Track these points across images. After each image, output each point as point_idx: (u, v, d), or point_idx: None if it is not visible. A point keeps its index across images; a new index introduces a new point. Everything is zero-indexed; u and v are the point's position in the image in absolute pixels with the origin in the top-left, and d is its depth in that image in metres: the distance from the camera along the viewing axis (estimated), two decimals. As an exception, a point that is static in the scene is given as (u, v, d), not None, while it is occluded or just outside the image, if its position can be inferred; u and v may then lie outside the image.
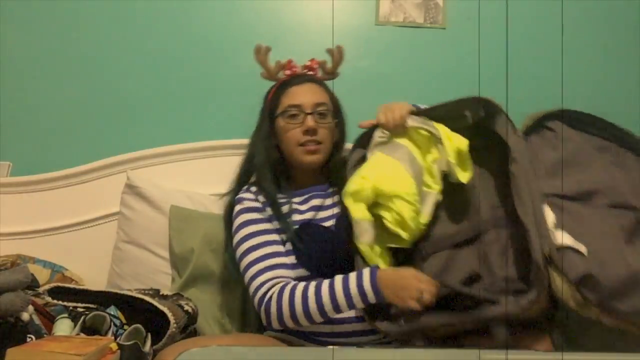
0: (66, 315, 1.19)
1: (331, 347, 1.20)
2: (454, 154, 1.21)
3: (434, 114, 1.27)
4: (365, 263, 1.22)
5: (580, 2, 2.00)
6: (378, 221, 1.22)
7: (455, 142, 1.22)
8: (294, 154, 1.37)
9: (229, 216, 1.41)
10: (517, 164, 1.16)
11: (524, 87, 1.98)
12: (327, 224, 1.35)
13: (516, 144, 1.19)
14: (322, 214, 1.36)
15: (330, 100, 1.42)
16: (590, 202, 1.17)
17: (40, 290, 1.28)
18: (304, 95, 1.38)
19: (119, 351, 1.03)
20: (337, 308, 1.18)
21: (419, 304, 1.09)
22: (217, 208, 1.71)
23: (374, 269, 1.18)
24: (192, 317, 1.35)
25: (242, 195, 1.39)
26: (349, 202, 1.21)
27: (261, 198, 1.37)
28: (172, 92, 1.88)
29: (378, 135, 1.29)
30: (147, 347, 1.13)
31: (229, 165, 1.82)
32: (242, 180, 1.45)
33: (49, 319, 1.21)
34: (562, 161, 1.19)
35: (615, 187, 1.19)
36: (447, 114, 1.26)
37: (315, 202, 1.38)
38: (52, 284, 1.30)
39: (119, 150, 1.81)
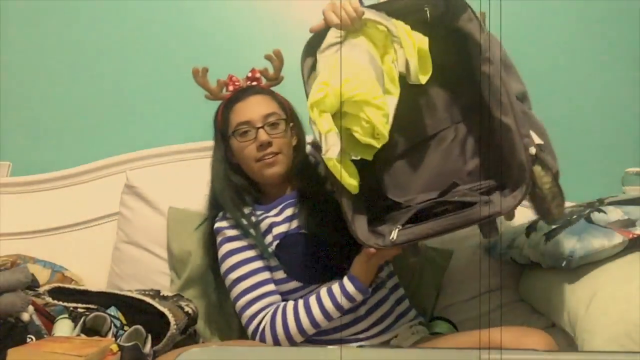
0: (66, 315, 1.19)
1: (333, 347, 1.20)
2: (414, 53, 1.11)
3: (389, 8, 1.15)
4: (335, 181, 1.13)
5: (581, 2, 2.01)
6: (344, 133, 1.12)
7: (415, 40, 1.12)
8: (254, 170, 1.36)
9: (208, 244, 1.42)
10: (492, 64, 1.10)
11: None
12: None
13: (488, 43, 1.12)
14: (297, 222, 1.34)
15: (279, 107, 1.39)
16: (526, 103, 1.22)
17: (40, 290, 1.27)
18: (251, 110, 1.35)
19: (119, 352, 1.03)
20: (329, 318, 1.23)
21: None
22: (217, 208, 1.71)
23: (352, 276, 1.22)
24: (192, 319, 1.35)
25: (218, 225, 1.38)
26: (314, 115, 1.08)
27: (240, 221, 1.36)
28: (172, 92, 1.88)
29: (331, 37, 1.15)
30: (147, 348, 1.13)
31: (228, 166, 1.82)
32: (213, 207, 1.44)
33: (49, 320, 1.21)
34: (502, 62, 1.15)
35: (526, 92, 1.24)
36: (404, 8, 1.15)
37: (288, 211, 1.36)
38: (52, 284, 1.30)
39: (119, 151, 1.81)
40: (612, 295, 1.21)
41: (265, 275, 1.31)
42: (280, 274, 1.30)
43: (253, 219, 1.36)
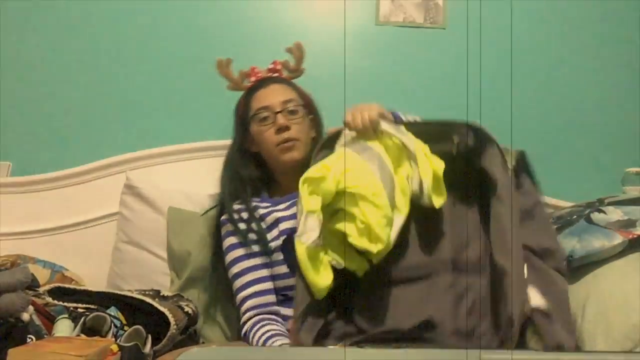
0: (66, 315, 1.19)
1: (334, 347, 1.20)
2: (430, 172, 1.03)
3: (415, 129, 1.09)
4: (301, 278, 1.02)
5: (581, 2, 2.01)
6: (335, 238, 1.03)
7: (432, 163, 1.05)
8: (273, 155, 1.39)
9: (215, 235, 1.43)
10: (503, 204, 1.01)
11: (525, 88, 1.99)
12: None
13: (504, 180, 1.03)
14: None
15: (299, 96, 1.43)
16: (547, 261, 1.05)
17: (41, 290, 1.27)
18: (271, 96, 1.40)
19: (119, 352, 1.03)
20: None
21: None
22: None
23: None
24: (192, 319, 1.35)
25: (224, 218, 1.40)
26: (303, 190, 1.00)
27: (244, 215, 1.37)
28: (172, 92, 1.89)
29: (347, 134, 1.12)
30: (148, 348, 1.13)
31: (228, 166, 1.82)
32: (223, 196, 1.45)
33: (49, 320, 1.20)
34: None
35: (559, 251, 1.10)
36: (431, 133, 1.10)
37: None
38: (52, 284, 1.29)
39: (119, 151, 1.81)
40: (611, 296, 1.21)
41: (263, 272, 1.32)
42: (283, 269, 1.31)
43: (260, 211, 1.36)
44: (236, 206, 1.39)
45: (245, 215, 1.37)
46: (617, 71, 2.00)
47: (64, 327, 1.15)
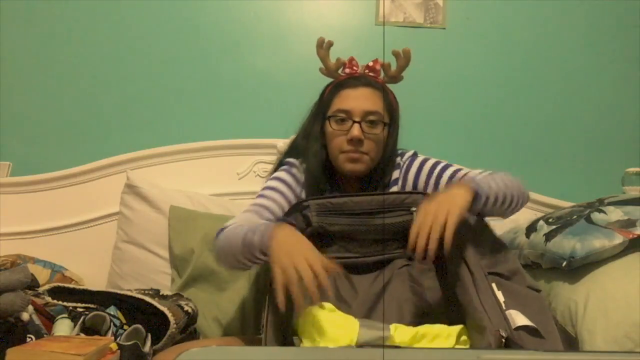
0: (66, 315, 1.19)
1: (334, 347, 1.20)
2: None
3: (372, 203, 1.13)
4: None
5: (582, 2, 2.01)
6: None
7: None
8: (337, 160, 1.31)
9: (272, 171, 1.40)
10: (458, 262, 1.04)
11: (525, 88, 1.99)
12: None
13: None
14: None
15: (386, 108, 1.32)
16: (518, 281, 1.07)
17: (40, 290, 1.27)
18: (355, 101, 1.29)
19: (118, 351, 1.03)
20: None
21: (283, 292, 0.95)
22: (217, 208, 1.71)
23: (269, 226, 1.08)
24: (192, 318, 1.35)
25: (290, 159, 1.36)
26: None
27: (301, 177, 1.34)
28: (172, 92, 1.89)
29: None
30: (147, 347, 1.13)
31: (228, 166, 1.83)
32: (288, 154, 1.41)
33: (49, 319, 1.20)
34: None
35: (521, 268, 1.11)
36: (389, 205, 1.13)
37: None
38: (52, 284, 1.29)
39: (119, 150, 1.81)
40: (612, 296, 1.20)
41: (273, 207, 1.27)
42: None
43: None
44: (304, 164, 1.34)
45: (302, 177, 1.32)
46: (618, 71, 2.00)
47: (63, 326, 1.15)
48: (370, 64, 1.37)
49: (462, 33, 1.97)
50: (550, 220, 1.46)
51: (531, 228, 1.49)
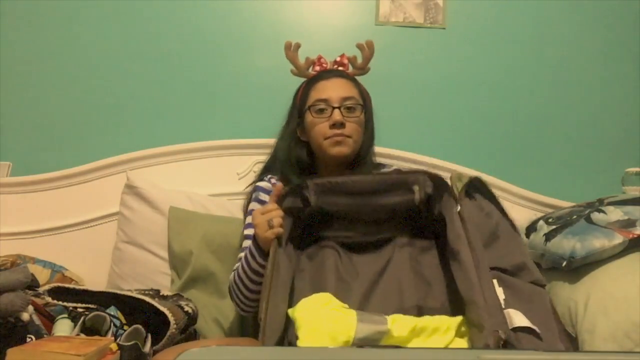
0: (66, 315, 1.19)
1: (334, 347, 1.19)
2: None
3: (377, 181, 1.13)
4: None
5: (582, 2, 2.01)
6: None
7: None
8: (321, 147, 1.37)
9: (246, 205, 1.44)
10: (461, 242, 1.02)
11: (525, 88, 1.99)
12: None
13: (459, 222, 1.04)
14: None
15: (359, 95, 1.41)
16: (523, 276, 1.06)
17: (40, 290, 1.27)
18: (331, 90, 1.38)
19: (118, 352, 1.03)
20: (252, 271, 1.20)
21: (273, 233, 1.06)
22: (217, 209, 1.71)
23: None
24: (192, 318, 1.35)
25: (259, 184, 1.42)
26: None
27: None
28: (172, 92, 1.89)
29: None
30: (147, 347, 1.13)
31: (228, 166, 1.83)
32: (263, 173, 1.48)
33: (49, 319, 1.21)
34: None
35: (531, 263, 1.10)
36: (393, 184, 1.13)
37: None
38: (52, 284, 1.29)
39: (119, 151, 1.81)
40: (612, 295, 1.21)
41: None
42: None
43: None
44: (273, 179, 1.41)
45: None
46: (618, 71, 2.00)
47: (63, 326, 1.15)
48: (338, 59, 1.48)
49: (462, 33, 1.97)
50: (550, 220, 1.46)
51: (531, 228, 1.49)
